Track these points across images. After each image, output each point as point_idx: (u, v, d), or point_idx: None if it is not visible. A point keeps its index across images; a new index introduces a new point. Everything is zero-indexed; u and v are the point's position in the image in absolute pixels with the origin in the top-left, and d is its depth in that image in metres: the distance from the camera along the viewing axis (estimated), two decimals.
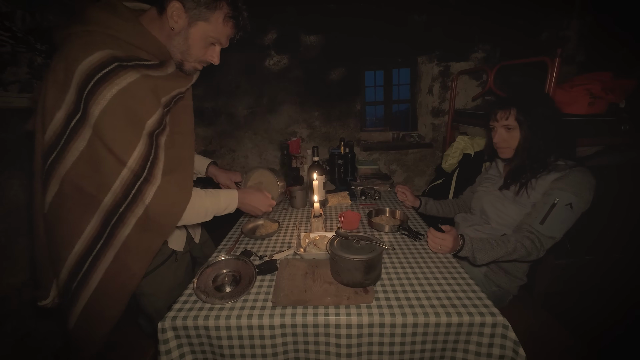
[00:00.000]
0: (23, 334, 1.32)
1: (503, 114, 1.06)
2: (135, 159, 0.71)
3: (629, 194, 1.71)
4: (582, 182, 0.97)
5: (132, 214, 0.74)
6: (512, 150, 1.09)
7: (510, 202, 1.09)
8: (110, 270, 0.78)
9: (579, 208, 0.96)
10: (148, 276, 0.92)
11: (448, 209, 1.43)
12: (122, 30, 0.73)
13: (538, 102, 1.04)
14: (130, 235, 0.76)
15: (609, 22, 2.22)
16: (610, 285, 1.78)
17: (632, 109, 1.56)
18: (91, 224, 0.75)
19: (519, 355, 0.68)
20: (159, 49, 0.79)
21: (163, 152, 0.77)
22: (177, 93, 0.84)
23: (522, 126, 1.03)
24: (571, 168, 1.00)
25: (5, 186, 1.26)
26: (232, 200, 0.94)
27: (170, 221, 0.79)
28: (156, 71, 0.78)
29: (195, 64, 0.86)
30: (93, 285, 0.79)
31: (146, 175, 0.72)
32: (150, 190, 0.73)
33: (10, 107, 1.25)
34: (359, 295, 0.77)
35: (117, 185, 0.71)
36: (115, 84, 0.68)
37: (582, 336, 1.15)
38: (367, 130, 2.90)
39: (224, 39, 0.84)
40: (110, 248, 0.77)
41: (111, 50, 0.69)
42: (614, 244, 1.78)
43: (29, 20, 1.31)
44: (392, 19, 2.42)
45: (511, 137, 1.07)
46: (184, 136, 0.88)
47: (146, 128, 0.73)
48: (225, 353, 0.72)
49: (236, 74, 2.51)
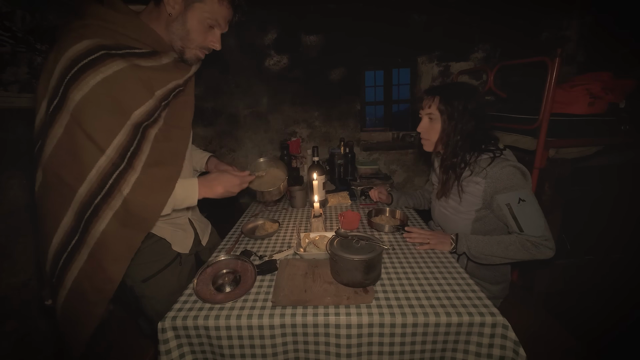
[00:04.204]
0: (23, 333, 1.32)
1: (427, 102, 1.06)
2: (115, 147, 0.69)
3: (629, 194, 1.72)
4: (507, 175, 0.96)
5: (109, 207, 0.71)
6: (432, 143, 1.10)
7: (452, 214, 1.11)
8: (84, 270, 0.75)
9: (528, 195, 0.95)
10: (150, 280, 0.91)
11: (419, 201, 1.44)
12: (117, 22, 0.73)
13: (462, 94, 1.03)
14: (107, 231, 0.72)
15: (609, 22, 2.22)
16: (611, 286, 1.78)
17: (632, 109, 1.56)
18: (67, 216, 0.72)
19: (520, 356, 0.68)
20: (156, 41, 0.79)
21: (149, 145, 0.75)
22: (174, 86, 0.83)
23: (442, 116, 1.03)
24: (489, 166, 0.99)
25: (5, 186, 1.26)
26: (190, 191, 0.84)
27: (152, 214, 0.75)
28: (148, 60, 0.76)
29: (197, 51, 0.84)
30: (68, 284, 0.76)
31: (125, 165, 0.70)
32: (129, 179, 0.70)
33: (10, 107, 1.25)
34: (358, 295, 0.77)
35: (93, 174, 0.69)
36: (101, 72, 0.67)
37: (582, 336, 1.15)
38: (367, 130, 2.90)
39: (221, 20, 0.81)
40: (84, 245, 0.73)
41: (100, 39, 0.69)
42: (614, 244, 1.78)
43: (29, 20, 1.31)
44: (392, 19, 2.42)
45: (432, 128, 1.07)
46: (181, 130, 0.87)
47: (132, 118, 0.71)
48: (225, 353, 0.72)
49: (236, 73, 2.51)
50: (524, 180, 0.97)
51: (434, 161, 1.29)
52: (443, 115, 1.03)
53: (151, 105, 0.75)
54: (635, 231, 1.75)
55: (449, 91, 1.05)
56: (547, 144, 1.48)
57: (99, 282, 0.76)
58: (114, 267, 0.76)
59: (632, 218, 1.75)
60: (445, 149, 1.07)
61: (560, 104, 1.51)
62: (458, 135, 1.02)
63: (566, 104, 1.52)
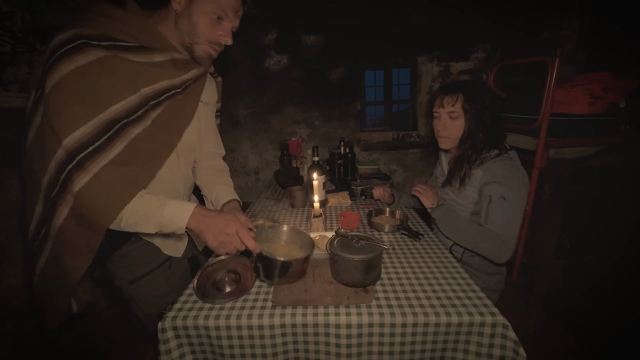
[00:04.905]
0: (23, 333, 1.32)
1: (450, 99, 1.06)
2: (75, 139, 0.63)
3: (629, 194, 1.72)
4: (504, 172, 0.99)
5: (65, 202, 0.66)
6: (452, 140, 1.11)
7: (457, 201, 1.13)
8: (49, 261, 0.74)
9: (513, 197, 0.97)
10: (136, 282, 0.90)
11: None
12: (117, 18, 0.72)
13: (483, 92, 1.06)
14: (64, 226, 0.68)
15: (609, 22, 2.22)
16: (611, 286, 1.78)
17: (632, 109, 1.56)
18: (38, 205, 0.71)
19: (520, 356, 0.68)
20: (155, 38, 0.77)
21: (124, 144, 0.68)
22: (168, 86, 0.79)
23: (466, 115, 1.05)
24: (491, 160, 1.03)
25: (5, 186, 1.26)
26: (181, 213, 0.71)
27: (102, 220, 0.67)
28: (136, 55, 0.72)
29: (206, 46, 0.80)
30: (38, 271, 0.77)
31: (80, 159, 0.63)
32: (80, 177, 0.64)
33: (10, 107, 1.25)
34: (358, 295, 0.77)
35: (52, 166, 0.65)
36: (75, 60, 0.63)
37: (582, 336, 1.15)
38: (367, 130, 2.90)
39: (228, 10, 0.77)
40: (49, 237, 0.72)
41: (83, 29, 0.66)
42: (614, 244, 1.79)
43: (29, 20, 1.31)
44: (392, 19, 2.42)
45: (453, 125, 1.08)
46: (169, 135, 0.81)
47: (107, 113, 0.66)
48: (225, 353, 0.72)
49: (236, 73, 2.51)
50: (518, 183, 0.98)
51: (441, 156, 1.29)
52: (467, 113, 1.05)
53: (134, 101, 0.70)
54: (635, 231, 1.75)
55: (471, 88, 1.06)
56: (547, 144, 1.48)
57: (58, 275, 0.75)
58: (72, 261, 0.73)
59: (632, 218, 1.75)
60: (463, 145, 1.08)
61: (560, 104, 1.51)
62: (480, 132, 1.04)
63: (566, 104, 1.52)
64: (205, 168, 1.08)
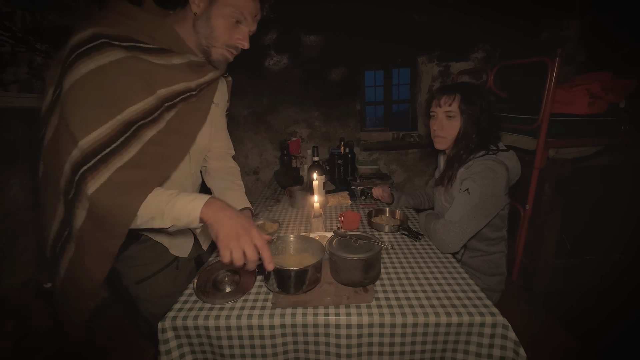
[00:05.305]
0: (23, 333, 1.32)
1: (448, 99, 1.07)
2: (92, 140, 0.62)
3: (629, 194, 1.72)
4: (479, 169, 1.00)
5: (81, 205, 0.65)
6: (448, 141, 1.12)
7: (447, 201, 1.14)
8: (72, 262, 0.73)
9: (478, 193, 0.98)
10: (144, 282, 0.90)
11: (420, 200, 1.46)
12: (136, 18, 0.71)
13: (481, 94, 1.07)
14: (83, 229, 0.68)
15: (609, 22, 2.22)
16: (611, 286, 1.78)
17: (632, 109, 1.56)
18: (59, 207, 0.71)
19: (520, 356, 0.68)
20: (173, 40, 0.76)
21: (139, 146, 0.68)
22: (184, 88, 0.78)
23: (462, 115, 1.06)
24: (476, 158, 1.04)
25: (5, 186, 1.26)
26: (194, 203, 0.68)
27: (120, 219, 0.67)
28: (155, 57, 0.72)
29: (223, 50, 0.80)
30: (62, 272, 0.76)
31: (95, 162, 0.62)
32: (93, 180, 0.62)
33: (10, 107, 1.25)
34: (358, 294, 0.77)
35: (67, 168, 0.64)
36: (95, 60, 0.62)
37: (582, 336, 1.15)
38: (367, 130, 2.90)
39: (247, 14, 0.76)
40: (71, 238, 0.71)
41: (105, 28, 0.66)
42: (614, 244, 1.79)
43: (29, 20, 1.31)
44: (392, 19, 2.42)
45: (450, 125, 1.09)
46: (182, 137, 0.81)
47: (125, 114, 0.66)
48: (225, 353, 0.72)
49: (236, 73, 2.51)
50: (489, 182, 0.98)
51: (439, 158, 1.30)
52: (464, 114, 1.05)
53: (151, 103, 0.70)
54: (635, 231, 1.75)
55: (469, 90, 1.07)
56: (547, 144, 1.48)
57: (82, 277, 0.75)
58: (93, 265, 0.73)
59: (632, 218, 1.75)
60: (457, 145, 1.10)
61: (560, 104, 1.51)
62: (474, 134, 1.05)
63: (566, 104, 1.52)
64: (216, 171, 1.07)
